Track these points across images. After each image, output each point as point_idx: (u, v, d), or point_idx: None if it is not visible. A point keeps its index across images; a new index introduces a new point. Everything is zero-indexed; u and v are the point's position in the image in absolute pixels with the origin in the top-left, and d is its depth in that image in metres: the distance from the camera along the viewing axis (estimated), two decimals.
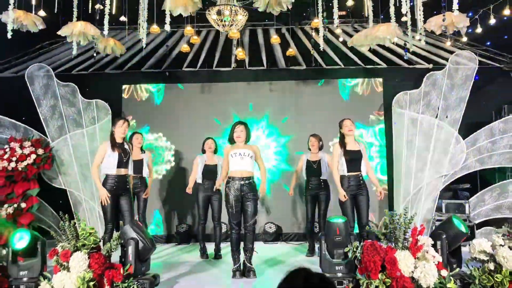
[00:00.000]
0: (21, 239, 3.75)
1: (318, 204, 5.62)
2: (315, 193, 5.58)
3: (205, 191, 5.51)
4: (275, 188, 7.02)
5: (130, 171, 4.64)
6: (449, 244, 3.80)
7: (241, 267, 4.47)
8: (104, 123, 6.20)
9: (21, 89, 6.03)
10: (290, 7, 4.28)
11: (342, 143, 4.71)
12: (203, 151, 5.68)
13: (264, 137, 7.15)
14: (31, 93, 5.95)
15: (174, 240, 6.82)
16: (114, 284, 3.48)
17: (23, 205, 5.49)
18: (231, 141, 4.62)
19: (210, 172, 5.54)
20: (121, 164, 4.51)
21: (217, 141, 5.80)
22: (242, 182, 4.41)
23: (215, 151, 5.70)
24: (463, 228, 3.83)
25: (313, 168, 5.62)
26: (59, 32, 4.48)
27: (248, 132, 4.63)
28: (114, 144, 4.52)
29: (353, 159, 4.63)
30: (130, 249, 3.75)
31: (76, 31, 4.23)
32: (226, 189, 4.47)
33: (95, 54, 6.20)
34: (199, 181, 5.56)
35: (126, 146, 4.63)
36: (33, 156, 5.56)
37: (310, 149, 5.70)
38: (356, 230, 4.65)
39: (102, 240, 3.93)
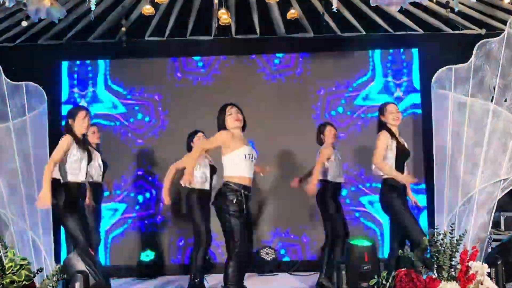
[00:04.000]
0: None
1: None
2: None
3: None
4: (272, 200, 7.06)
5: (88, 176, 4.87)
6: (508, 273, 3.83)
7: None
8: (38, 114, 6.14)
9: None
10: None
11: (391, 133, 4.82)
12: (191, 148, 5.70)
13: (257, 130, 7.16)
14: None
15: (134, 274, 6.82)
16: None
17: None
18: (222, 128, 4.51)
19: None
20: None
21: None
22: (249, 194, 4.44)
23: None
24: None
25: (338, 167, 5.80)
26: None
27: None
28: (78, 141, 4.63)
29: (402, 157, 4.81)
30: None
31: None
32: (229, 196, 4.34)
33: (24, 19, 6.14)
34: (198, 186, 5.57)
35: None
36: None
37: (323, 142, 5.76)
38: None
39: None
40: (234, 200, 4.28)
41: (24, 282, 3.54)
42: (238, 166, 4.37)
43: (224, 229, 4.36)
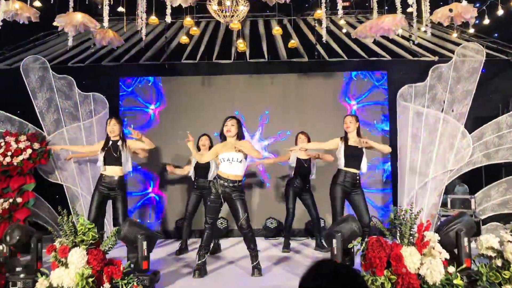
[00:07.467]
0: None
1: (305, 205, 5.78)
2: (299, 192, 5.70)
3: (197, 189, 5.63)
4: (275, 183, 7.02)
5: (124, 169, 4.88)
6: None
7: (204, 266, 4.44)
8: (101, 116, 6.17)
9: (16, 82, 5.97)
10: None
11: (344, 138, 4.89)
12: (198, 148, 5.69)
13: (264, 132, 7.13)
14: (27, 86, 5.90)
15: (172, 236, 6.81)
16: (113, 281, 3.47)
17: (18, 200, 5.47)
18: (222, 136, 4.58)
19: (202, 169, 5.58)
20: (108, 162, 4.80)
21: (214, 137, 5.81)
22: (227, 184, 4.42)
23: (210, 148, 5.69)
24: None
25: (304, 167, 5.66)
26: (55, 23, 4.43)
27: (240, 127, 4.55)
28: (106, 143, 4.86)
29: (352, 155, 4.78)
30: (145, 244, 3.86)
31: (76, 22, 4.19)
32: (211, 184, 4.54)
33: (92, 47, 6.18)
34: (192, 178, 5.68)
35: (119, 143, 4.84)
36: (29, 151, 5.52)
37: None
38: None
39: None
40: (216, 186, 4.45)
41: (91, 241, 3.55)
42: (221, 167, 4.49)
43: (235, 206, 4.49)
